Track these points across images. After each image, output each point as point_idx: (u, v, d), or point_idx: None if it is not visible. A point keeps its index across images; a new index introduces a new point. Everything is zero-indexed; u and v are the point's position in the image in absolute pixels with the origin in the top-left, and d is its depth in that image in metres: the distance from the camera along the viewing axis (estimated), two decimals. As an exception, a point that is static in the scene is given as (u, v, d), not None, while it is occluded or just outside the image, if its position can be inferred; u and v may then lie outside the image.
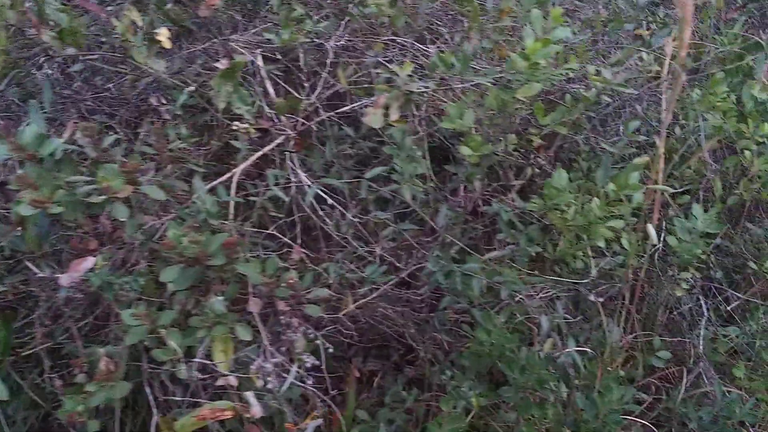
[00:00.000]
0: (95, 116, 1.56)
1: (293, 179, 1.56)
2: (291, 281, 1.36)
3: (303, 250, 1.58)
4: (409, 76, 1.42)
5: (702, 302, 2.40)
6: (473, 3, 1.51)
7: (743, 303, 2.38)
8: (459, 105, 1.45)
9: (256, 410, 1.36)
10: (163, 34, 1.45)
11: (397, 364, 2.00)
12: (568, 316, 2.03)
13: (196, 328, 1.33)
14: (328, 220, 1.58)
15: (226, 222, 1.51)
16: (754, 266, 2.44)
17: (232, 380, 1.32)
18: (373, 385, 1.92)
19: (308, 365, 1.43)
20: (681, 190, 1.78)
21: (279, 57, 1.82)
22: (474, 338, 1.64)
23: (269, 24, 1.87)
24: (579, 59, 1.59)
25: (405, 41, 1.76)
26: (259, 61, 1.77)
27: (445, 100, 1.62)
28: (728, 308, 2.33)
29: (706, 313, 2.36)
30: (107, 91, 1.57)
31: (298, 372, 1.44)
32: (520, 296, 1.59)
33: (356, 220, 1.56)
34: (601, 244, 1.46)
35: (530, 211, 1.54)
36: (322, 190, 1.59)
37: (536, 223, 1.63)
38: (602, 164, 1.53)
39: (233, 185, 1.63)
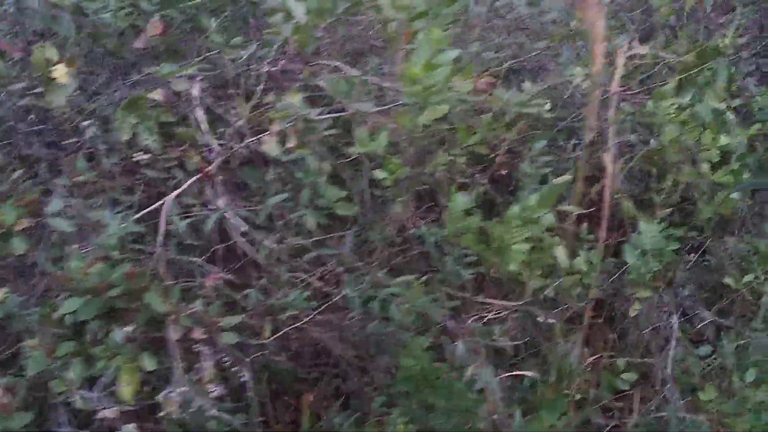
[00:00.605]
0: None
1: (212, 207, 1.56)
2: (192, 310, 1.36)
3: (228, 277, 1.59)
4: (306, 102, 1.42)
5: (673, 321, 2.32)
6: (392, 28, 1.50)
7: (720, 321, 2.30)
8: (367, 129, 1.44)
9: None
10: (60, 71, 1.47)
11: (339, 390, 1.98)
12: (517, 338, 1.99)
13: (99, 358, 1.34)
14: (251, 246, 1.58)
15: (143, 251, 1.53)
16: (730, 282, 2.35)
17: (108, 413, 1.32)
18: (318, 414, 1.90)
19: (214, 394, 1.42)
20: (587, 211, 1.72)
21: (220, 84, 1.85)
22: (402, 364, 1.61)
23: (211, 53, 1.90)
24: (495, 79, 1.57)
25: (337, 65, 1.76)
26: (195, 91, 1.80)
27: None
28: (697, 327, 2.25)
29: (675, 333, 2.28)
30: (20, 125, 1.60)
31: (212, 399, 1.43)
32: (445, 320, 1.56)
33: (274, 245, 1.55)
34: (513, 267, 1.42)
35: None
36: (242, 217, 1.59)
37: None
38: (525, 186, 1.50)
39: (163, 215, 1.65)
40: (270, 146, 1.43)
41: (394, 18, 1.41)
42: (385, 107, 1.47)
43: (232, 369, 1.47)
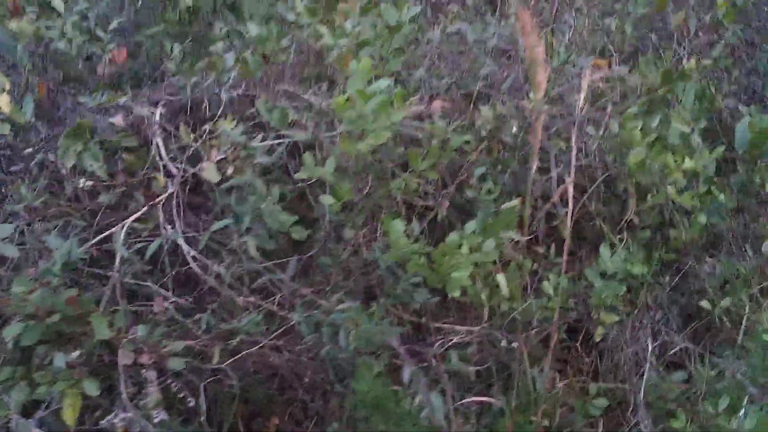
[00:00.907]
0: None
1: (164, 231, 1.58)
2: (131, 336, 1.37)
3: (181, 300, 1.60)
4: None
5: (647, 345, 2.29)
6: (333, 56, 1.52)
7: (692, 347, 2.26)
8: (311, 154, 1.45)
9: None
10: (3, 100, 1.50)
11: (307, 414, 1.97)
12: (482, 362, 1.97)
13: (41, 383, 1.35)
14: (203, 270, 1.59)
15: (100, 276, 1.55)
16: (706, 306, 2.32)
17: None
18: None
19: (158, 420, 1.42)
20: (531, 236, 1.71)
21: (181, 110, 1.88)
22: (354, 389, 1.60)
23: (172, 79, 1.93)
24: (450, 103, 1.58)
25: (294, 91, 1.77)
26: (156, 116, 1.82)
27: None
28: (670, 352, 2.21)
29: (649, 357, 2.25)
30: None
31: (156, 425, 1.43)
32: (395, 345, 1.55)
33: (222, 270, 1.56)
34: (456, 294, 1.41)
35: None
36: (195, 241, 1.60)
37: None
38: (481, 212, 1.50)
39: (120, 239, 1.67)
40: (209, 172, 1.44)
41: (334, 46, 1.43)
42: (332, 134, 1.48)
43: (179, 395, 1.47)
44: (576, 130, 1.94)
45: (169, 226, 1.56)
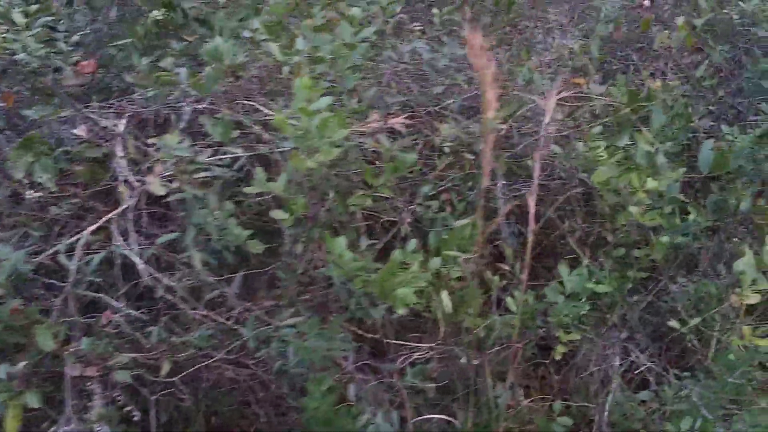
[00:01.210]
0: None
1: (115, 243, 1.58)
2: (74, 348, 1.37)
3: (131, 313, 1.60)
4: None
5: (614, 364, 2.28)
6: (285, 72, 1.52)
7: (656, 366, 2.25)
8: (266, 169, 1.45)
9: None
10: None
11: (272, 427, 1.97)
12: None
13: (-18, 394, 1.36)
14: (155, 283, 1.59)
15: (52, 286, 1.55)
16: (675, 325, 2.31)
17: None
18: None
19: (99, 433, 1.42)
20: (471, 255, 1.70)
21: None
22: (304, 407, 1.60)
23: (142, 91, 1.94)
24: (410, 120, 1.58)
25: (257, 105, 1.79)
26: (120, 127, 1.83)
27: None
28: (635, 372, 2.20)
29: (615, 376, 2.24)
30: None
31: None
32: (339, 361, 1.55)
33: (173, 283, 1.56)
34: (401, 311, 1.41)
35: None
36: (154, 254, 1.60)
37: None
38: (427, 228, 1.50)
39: (78, 249, 1.68)
40: (154, 186, 1.45)
41: (285, 62, 1.44)
42: (284, 149, 1.49)
43: (125, 408, 1.47)
44: (540, 149, 1.95)
45: (121, 238, 1.56)
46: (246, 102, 1.80)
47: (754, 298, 1.79)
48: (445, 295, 1.54)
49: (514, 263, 2.10)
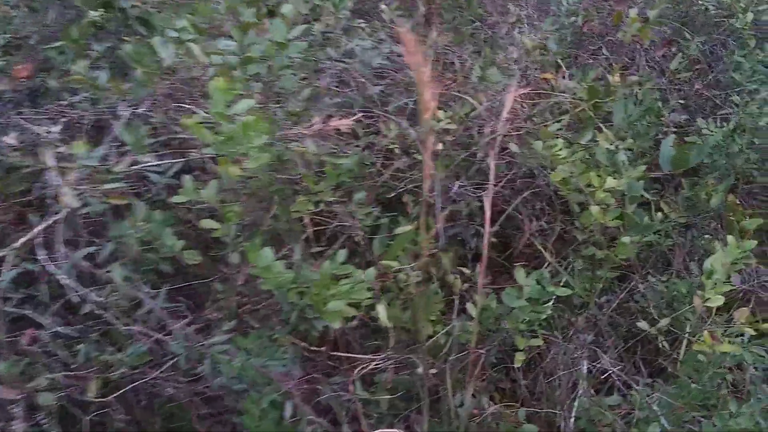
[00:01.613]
0: None
1: (38, 258, 1.51)
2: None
3: (62, 329, 1.52)
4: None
5: (581, 369, 2.22)
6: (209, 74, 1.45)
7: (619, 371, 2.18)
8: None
9: None
10: None
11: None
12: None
13: None
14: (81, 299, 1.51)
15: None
16: (644, 327, 2.24)
17: None
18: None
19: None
20: (398, 268, 1.62)
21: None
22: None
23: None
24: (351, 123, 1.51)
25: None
26: (54, 134, 1.75)
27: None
28: (602, 376, 2.13)
29: (582, 382, 2.17)
30: None
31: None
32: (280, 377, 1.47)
33: (101, 298, 1.48)
34: (336, 325, 1.34)
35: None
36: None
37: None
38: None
39: (6, 264, 1.60)
40: (67, 197, 1.37)
41: (209, 64, 1.36)
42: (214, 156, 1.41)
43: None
44: (496, 148, 1.87)
45: (45, 252, 1.48)
46: (183, 105, 1.73)
47: (717, 301, 1.71)
48: (381, 308, 1.46)
49: (473, 266, 2.03)
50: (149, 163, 1.57)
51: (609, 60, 3.02)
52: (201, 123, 1.41)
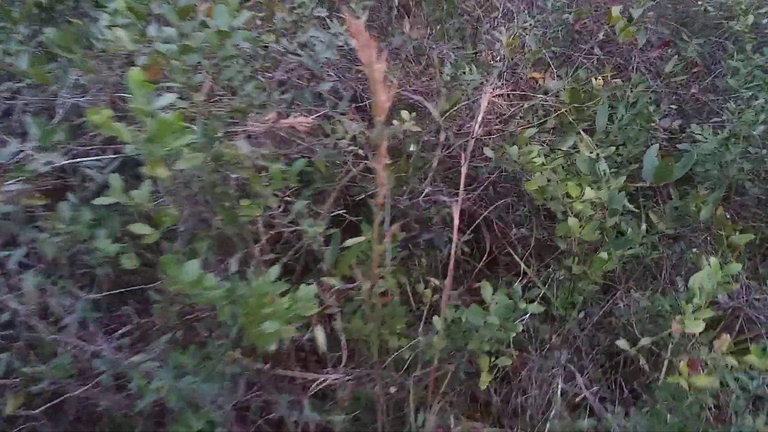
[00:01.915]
0: None
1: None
2: None
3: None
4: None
5: (556, 388, 2.09)
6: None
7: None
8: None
9: None
10: None
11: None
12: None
13: None
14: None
15: None
16: (624, 345, 2.11)
17: None
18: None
19: None
20: (351, 286, 1.50)
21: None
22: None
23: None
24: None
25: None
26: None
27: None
28: (578, 398, 2.01)
29: (556, 402, 2.05)
30: None
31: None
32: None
33: (20, 307, 1.35)
34: (272, 347, 1.21)
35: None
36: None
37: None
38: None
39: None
40: (29, 199, 1.25)
41: (138, 52, 1.23)
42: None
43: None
44: (469, 150, 1.75)
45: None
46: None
47: (697, 327, 1.58)
48: (319, 331, 1.33)
49: (441, 276, 1.91)
50: (87, 159, 1.44)
51: (602, 60, 2.88)
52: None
